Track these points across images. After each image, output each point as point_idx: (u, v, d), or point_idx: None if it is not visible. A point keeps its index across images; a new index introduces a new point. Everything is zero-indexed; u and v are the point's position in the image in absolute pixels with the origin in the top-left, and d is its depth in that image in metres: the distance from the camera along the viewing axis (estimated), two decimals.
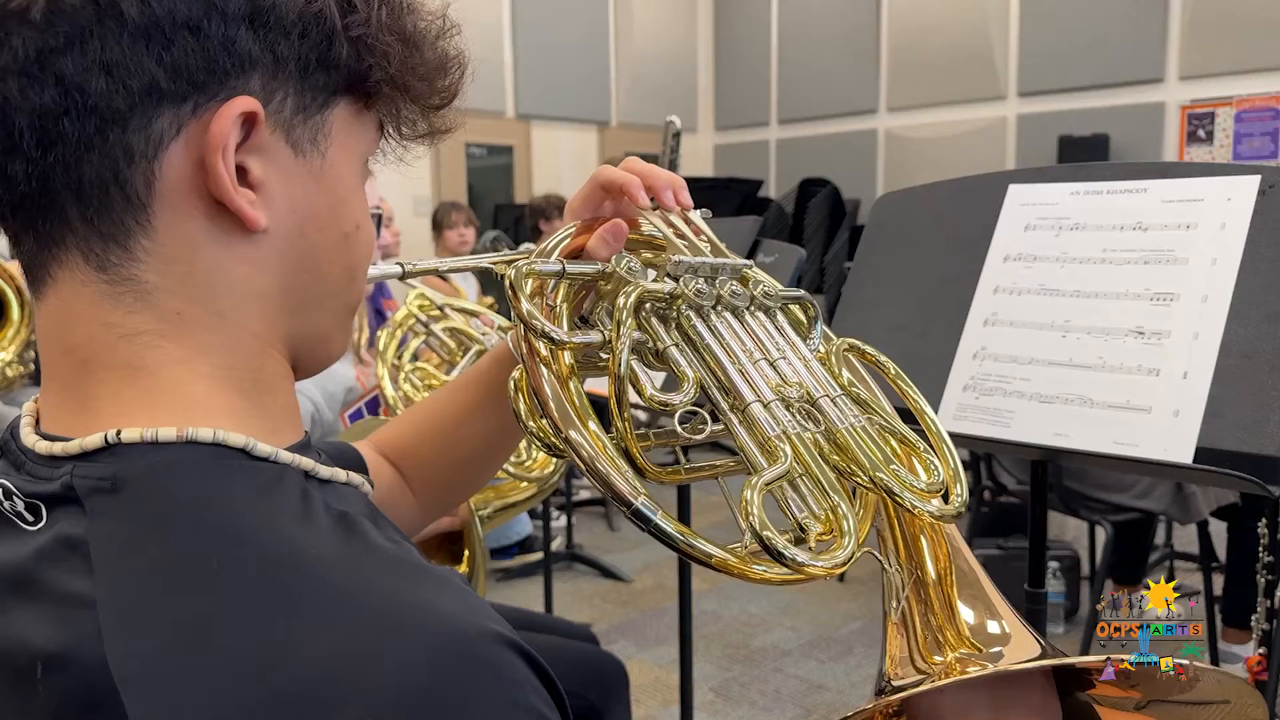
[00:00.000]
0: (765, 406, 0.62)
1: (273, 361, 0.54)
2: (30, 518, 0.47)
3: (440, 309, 1.61)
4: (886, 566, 0.64)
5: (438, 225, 4.43)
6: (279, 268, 0.52)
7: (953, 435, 1.14)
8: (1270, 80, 6.78)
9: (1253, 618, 2.37)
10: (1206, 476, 0.96)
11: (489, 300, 3.57)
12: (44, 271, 0.50)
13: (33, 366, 4.19)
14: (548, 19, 8.58)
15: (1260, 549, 2.34)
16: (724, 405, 0.63)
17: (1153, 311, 1.04)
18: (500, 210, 7.73)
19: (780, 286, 0.73)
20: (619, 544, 4.03)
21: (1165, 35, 7.21)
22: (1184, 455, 0.96)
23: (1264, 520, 2.35)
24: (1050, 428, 1.07)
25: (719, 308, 0.67)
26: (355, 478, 0.55)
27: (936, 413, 1.16)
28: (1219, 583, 2.71)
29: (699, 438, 0.62)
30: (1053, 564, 2.99)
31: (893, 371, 0.76)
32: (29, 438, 0.50)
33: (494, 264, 0.73)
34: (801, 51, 9.34)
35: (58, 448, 0.48)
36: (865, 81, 8.92)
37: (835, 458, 0.61)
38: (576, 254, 0.72)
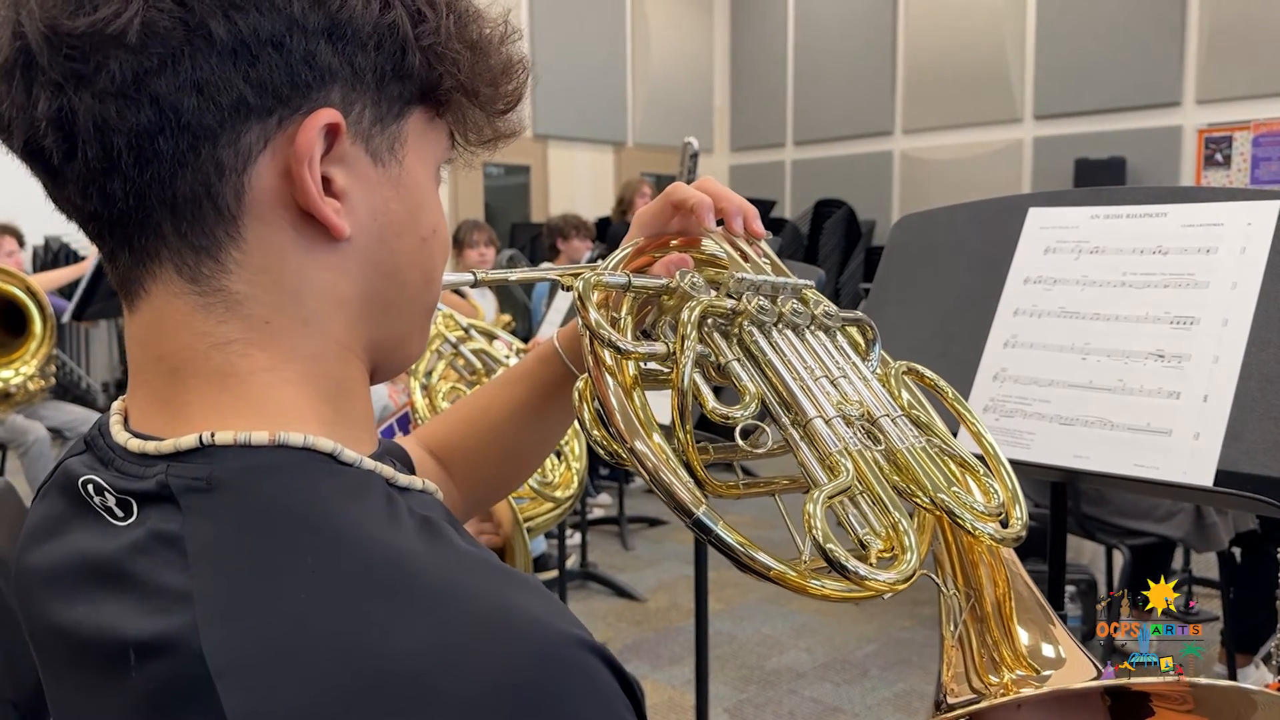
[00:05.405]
0: (827, 422, 0.62)
1: (353, 368, 0.56)
2: (120, 513, 0.49)
3: (465, 330, 1.63)
4: (944, 590, 0.64)
5: (459, 243, 4.46)
6: (361, 274, 0.53)
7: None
8: None
9: (1272, 645, 2.35)
10: (1227, 499, 0.97)
11: (506, 318, 3.59)
12: (138, 285, 0.51)
13: (54, 380, 4.23)
14: (565, 40, 8.65)
15: (1279, 574, 2.33)
16: (785, 420, 0.63)
17: (1173, 335, 1.05)
18: (517, 229, 7.76)
19: (838, 309, 0.73)
20: (633, 563, 4.02)
21: (1182, 59, 7.19)
22: (1204, 478, 0.97)
23: None
24: (1070, 450, 1.07)
25: (780, 325, 0.67)
26: (430, 485, 0.57)
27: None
28: None
29: (760, 451, 0.62)
30: (1069, 587, 2.96)
31: (951, 395, 0.76)
32: (120, 435, 0.52)
33: (561, 276, 0.74)
34: (817, 73, 9.36)
35: (150, 446, 0.49)
36: (881, 103, 8.93)
37: (896, 478, 0.61)
38: (640, 272, 0.74)
